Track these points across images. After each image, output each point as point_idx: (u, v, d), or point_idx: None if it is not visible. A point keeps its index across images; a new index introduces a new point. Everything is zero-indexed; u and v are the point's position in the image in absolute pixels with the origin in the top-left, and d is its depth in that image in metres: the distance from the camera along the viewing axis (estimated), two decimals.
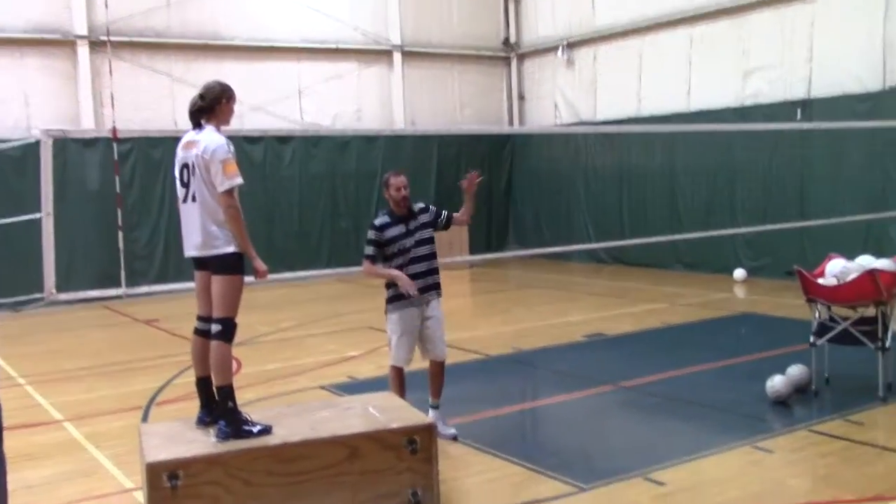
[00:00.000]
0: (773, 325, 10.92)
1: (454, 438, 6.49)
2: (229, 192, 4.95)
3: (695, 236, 13.11)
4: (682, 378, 8.25)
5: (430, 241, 6.55)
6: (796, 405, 7.21)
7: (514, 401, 7.87)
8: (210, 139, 5.01)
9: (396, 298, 6.44)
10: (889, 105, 13.03)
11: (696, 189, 16.02)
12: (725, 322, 11.23)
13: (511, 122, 20.40)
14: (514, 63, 20.25)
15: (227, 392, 5.02)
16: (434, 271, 6.55)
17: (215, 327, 5.02)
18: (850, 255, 8.10)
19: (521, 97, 20.29)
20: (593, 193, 18.27)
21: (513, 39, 20.11)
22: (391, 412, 5.42)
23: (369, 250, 6.44)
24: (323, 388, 8.40)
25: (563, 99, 19.03)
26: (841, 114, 13.31)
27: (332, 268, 17.55)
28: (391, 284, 6.43)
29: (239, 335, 5.27)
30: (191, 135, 5.18)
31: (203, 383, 5.31)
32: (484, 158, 19.80)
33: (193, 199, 5.09)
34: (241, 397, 7.64)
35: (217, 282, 5.03)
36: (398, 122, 18.76)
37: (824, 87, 13.99)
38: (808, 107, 14.15)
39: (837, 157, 13.73)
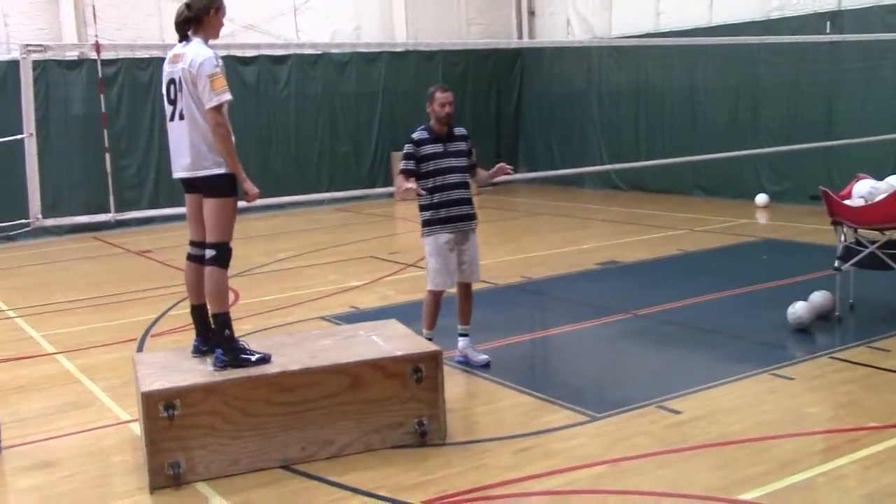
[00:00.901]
0: (796, 251, 10.93)
1: (487, 365, 6.62)
2: (217, 108, 4.93)
3: (716, 157, 12.96)
4: (700, 306, 8.30)
5: (465, 169, 6.60)
6: (818, 332, 7.26)
7: (524, 330, 7.92)
8: (197, 52, 4.97)
9: (431, 222, 6.51)
10: None
11: (717, 109, 15.88)
12: (746, 249, 11.23)
13: (521, 39, 20.12)
14: None
15: (224, 320, 5.07)
16: (468, 201, 6.62)
17: (209, 252, 5.05)
18: (880, 177, 8.07)
19: (532, 12, 20.00)
20: (608, 115, 18.13)
21: None
22: (395, 340, 5.48)
23: (407, 164, 6.47)
24: (324, 318, 8.47)
25: (575, 14, 18.75)
26: (872, 26, 13.13)
27: (332, 198, 17.60)
28: (427, 206, 6.50)
29: (235, 266, 5.31)
30: (177, 48, 5.15)
31: (198, 311, 5.36)
32: (492, 78, 19.67)
33: (181, 116, 5.08)
34: (239, 329, 7.71)
35: (209, 205, 5.05)
36: (400, 39, 18.53)
37: None
38: (838, 19, 13.95)
39: (867, 73, 13.57)
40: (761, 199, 14.74)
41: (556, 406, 5.78)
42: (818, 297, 7.47)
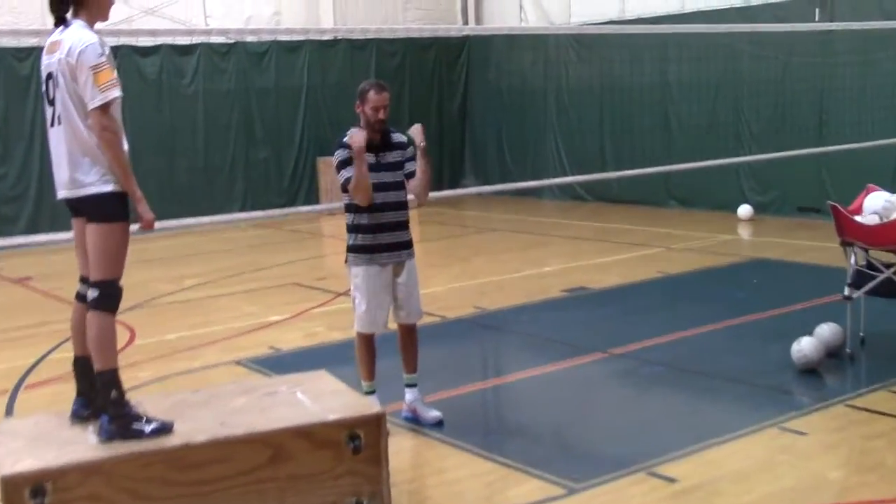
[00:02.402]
0: (789, 273, 10.73)
1: (439, 423, 6.19)
2: (103, 108, 4.42)
3: (693, 167, 12.66)
4: (687, 342, 7.97)
5: (402, 185, 6.16)
6: (828, 373, 6.97)
7: (481, 376, 7.51)
8: (77, 38, 4.46)
9: (359, 249, 6.08)
10: None
11: (693, 109, 15.72)
12: (733, 270, 11.00)
13: (466, 21, 19.78)
14: None
15: (111, 378, 4.55)
16: (404, 224, 6.20)
17: (92, 293, 4.54)
18: (881, 186, 7.88)
19: None
20: (568, 115, 17.91)
21: None
22: (326, 398, 5.02)
23: (346, 173, 5.95)
24: (239, 363, 7.97)
25: None
26: (869, 13, 13.03)
27: (248, 210, 17.10)
28: (355, 228, 6.06)
29: (134, 296, 4.83)
30: (54, 34, 4.63)
31: (82, 365, 4.82)
32: (434, 71, 19.36)
33: (60, 120, 4.57)
34: (135, 376, 7.26)
35: (93, 232, 4.53)
36: (326, 26, 18.08)
37: None
38: (829, 5, 13.85)
39: (864, 67, 13.48)
40: (744, 211, 14.58)
41: (525, 475, 5.36)
42: (826, 332, 7.18)
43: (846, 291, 7.29)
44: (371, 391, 6.16)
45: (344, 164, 5.99)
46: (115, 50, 4.51)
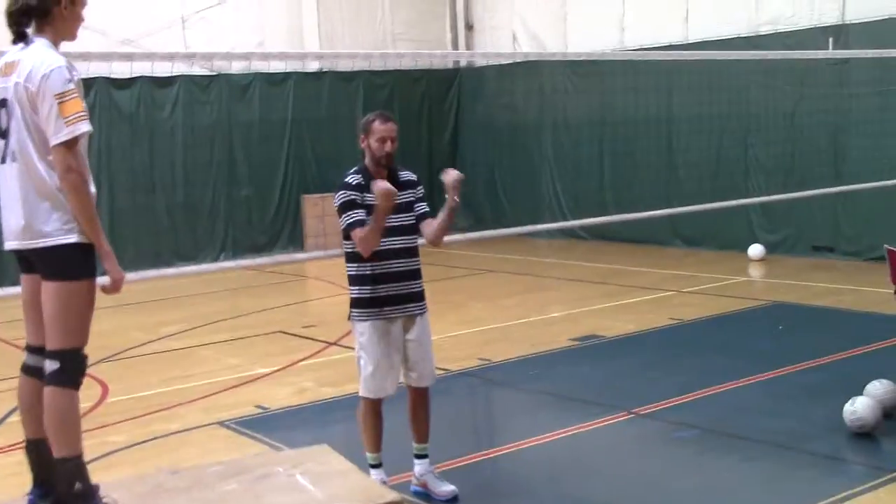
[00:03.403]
0: (813, 318, 10.16)
1: (454, 499, 5.51)
2: (69, 145, 3.76)
3: (701, 209, 11.93)
4: (717, 400, 7.30)
5: (412, 230, 5.50)
6: (886, 438, 6.30)
7: (496, 440, 6.74)
8: (39, 59, 3.80)
9: (364, 303, 5.39)
10: None
11: (699, 143, 15.14)
12: (752, 316, 10.37)
13: (456, 62, 19.28)
14: None
15: (74, 468, 3.84)
16: (416, 274, 5.53)
17: (50, 365, 3.84)
18: None
19: (470, 27, 19.24)
20: (565, 150, 17.36)
21: None
22: (332, 482, 4.33)
23: (357, 214, 5.26)
24: (222, 424, 7.27)
25: (523, 29, 17.99)
26: (885, 42, 12.50)
27: (229, 249, 16.48)
28: (359, 279, 5.40)
29: (106, 345, 4.18)
30: (11, 53, 3.97)
31: (37, 448, 4.10)
32: (423, 102, 18.79)
33: (13, 157, 3.90)
34: (106, 441, 6.57)
35: (52, 292, 3.85)
36: (311, 58, 17.51)
37: (862, 10, 13.19)
38: (843, 34, 13.34)
39: (882, 98, 12.95)
40: (756, 251, 13.99)
41: None
42: (879, 390, 6.51)
43: None
44: (377, 464, 5.48)
45: (347, 206, 5.32)
46: (89, 83, 3.80)
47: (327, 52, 17.17)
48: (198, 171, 16.40)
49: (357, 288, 5.41)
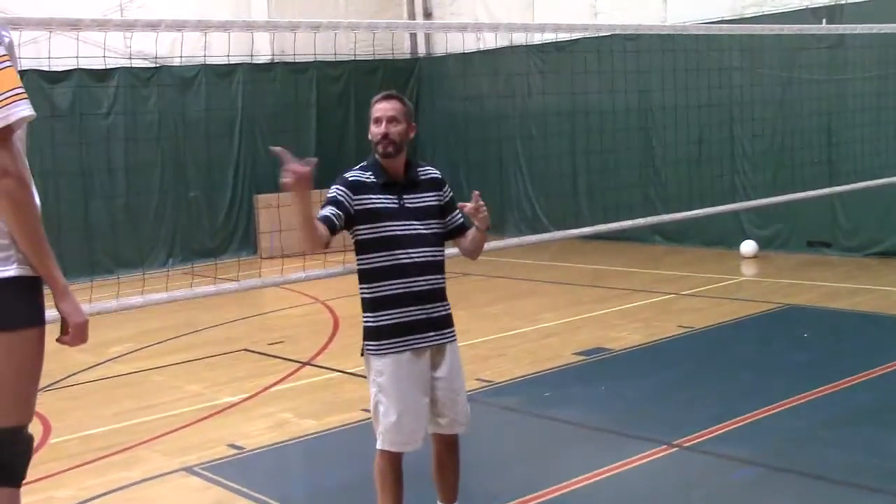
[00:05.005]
0: (841, 324, 9.29)
1: None
2: (0, 136, 2.63)
3: (682, 217, 10.74)
4: (765, 427, 6.29)
5: (438, 239, 4.51)
6: None
7: (523, 486, 5.57)
8: None
9: (381, 333, 4.35)
10: None
11: (679, 132, 14.18)
12: (768, 322, 9.48)
13: (415, 50, 18.19)
14: None
15: None
16: (441, 294, 4.50)
17: None
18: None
19: (429, 14, 18.17)
20: (535, 144, 16.30)
21: None
22: None
23: (329, 211, 4.28)
24: (190, 471, 6.10)
25: (487, 15, 16.94)
26: (885, 21, 11.68)
27: (177, 255, 15.26)
28: (373, 303, 4.38)
29: (45, 371, 3.01)
30: None
31: None
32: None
33: None
34: (51, 496, 5.56)
35: None
36: (261, 47, 16.26)
37: None
38: (837, 14, 12.51)
39: (881, 83, 12.12)
40: (748, 247, 13.13)
41: None
42: None
43: None
44: None
45: (325, 202, 4.32)
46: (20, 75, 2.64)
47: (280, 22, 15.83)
48: (140, 170, 15.13)
49: (373, 315, 4.34)
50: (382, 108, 4.41)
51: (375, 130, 4.38)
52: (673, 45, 12.76)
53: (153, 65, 14.92)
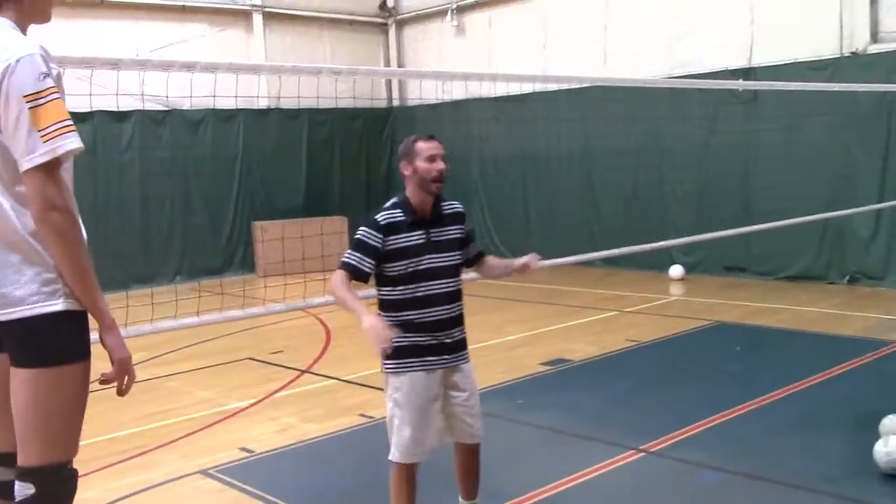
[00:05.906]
0: (766, 339, 8.88)
1: None
2: (48, 169, 2.18)
3: (619, 252, 10.52)
4: (720, 433, 5.90)
5: (458, 270, 4.06)
6: None
7: (500, 491, 5.16)
8: (4, 43, 2.20)
9: (403, 352, 3.88)
10: (849, 73, 11.26)
11: (618, 173, 13.90)
12: (704, 337, 9.07)
13: (390, 98, 17.75)
14: (392, 30, 17.62)
15: None
16: (459, 320, 4.03)
17: (22, 489, 2.23)
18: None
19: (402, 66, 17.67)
20: (492, 183, 15.92)
21: (390, 3, 17.43)
22: None
23: (357, 259, 3.85)
24: (206, 473, 5.58)
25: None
26: (790, 79, 11.45)
27: (184, 272, 14.64)
28: (398, 326, 3.89)
29: None
30: None
31: None
32: (361, 138, 17.18)
33: None
34: (79, 498, 4.83)
35: (27, 382, 2.27)
36: (260, 93, 15.72)
37: (769, 54, 12.14)
38: (751, 76, 12.25)
39: (790, 133, 11.87)
40: (676, 271, 12.79)
41: None
42: None
43: None
44: None
45: (356, 245, 3.89)
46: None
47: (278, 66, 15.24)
48: (154, 200, 14.49)
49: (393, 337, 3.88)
50: (435, 146, 4.01)
51: (429, 168, 3.93)
52: (613, 95, 12.50)
53: (165, 108, 14.30)
